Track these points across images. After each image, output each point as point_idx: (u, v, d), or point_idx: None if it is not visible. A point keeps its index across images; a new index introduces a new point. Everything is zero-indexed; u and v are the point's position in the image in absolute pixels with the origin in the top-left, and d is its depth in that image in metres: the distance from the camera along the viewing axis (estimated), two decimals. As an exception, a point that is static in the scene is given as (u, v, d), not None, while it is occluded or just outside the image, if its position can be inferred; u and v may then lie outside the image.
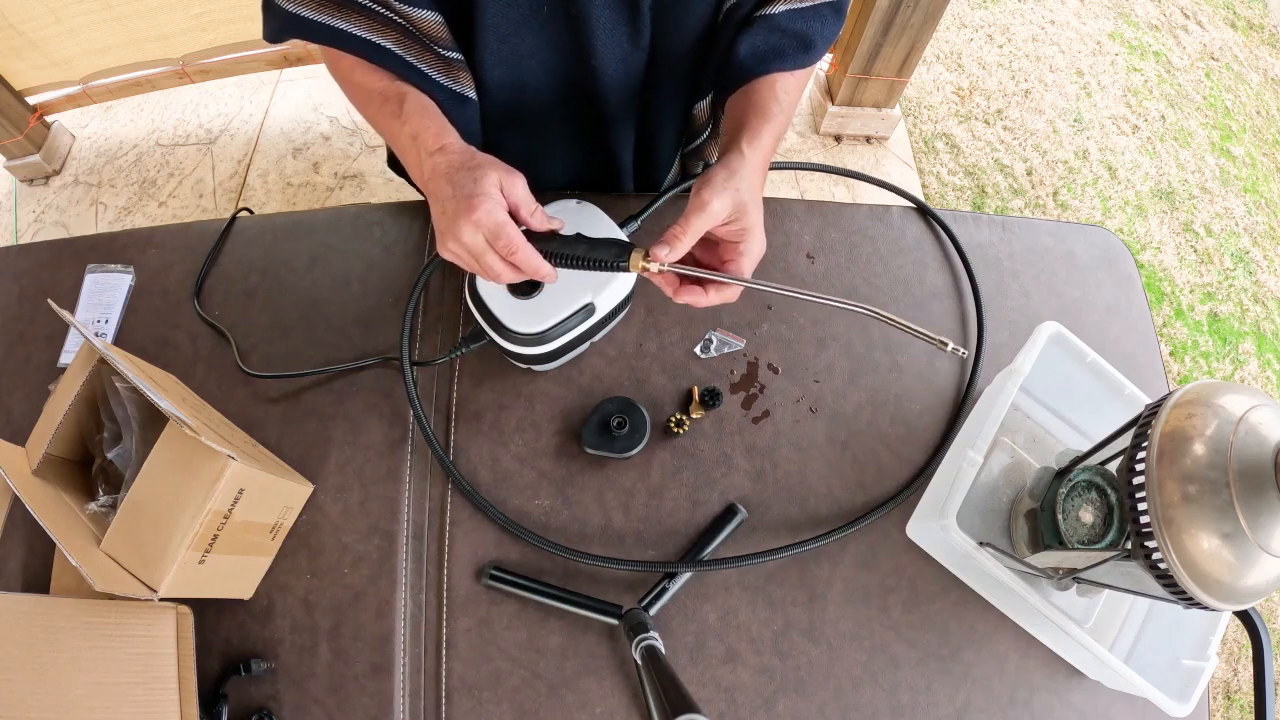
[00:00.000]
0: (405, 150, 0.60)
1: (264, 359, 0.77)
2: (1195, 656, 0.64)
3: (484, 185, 0.54)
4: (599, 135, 0.77)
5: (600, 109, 0.73)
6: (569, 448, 0.73)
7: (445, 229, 0.55)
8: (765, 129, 0.62)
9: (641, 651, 0.60)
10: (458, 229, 0.54)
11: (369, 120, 0.66)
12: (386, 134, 0.64)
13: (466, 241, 0.54)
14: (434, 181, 0.56)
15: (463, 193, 0.54)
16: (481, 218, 0.53)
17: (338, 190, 1.87)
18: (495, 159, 0.57)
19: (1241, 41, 2.40)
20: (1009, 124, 2.10)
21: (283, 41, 0.65)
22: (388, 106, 0.61)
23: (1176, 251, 1.98)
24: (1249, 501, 0.48)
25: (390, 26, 0.61)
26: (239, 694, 0.65)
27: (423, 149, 0.58)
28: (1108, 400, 0.73)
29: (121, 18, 1.63)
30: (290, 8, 0.61)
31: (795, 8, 0.66)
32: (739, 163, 0.58)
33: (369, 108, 0.64)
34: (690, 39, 0.69)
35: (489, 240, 0.54)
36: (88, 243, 0.85)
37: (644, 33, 0.65)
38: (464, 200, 0.54)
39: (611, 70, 0.68)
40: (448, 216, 0.55)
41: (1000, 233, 0.87)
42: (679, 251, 0.55)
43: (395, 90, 0.62)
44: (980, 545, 0.62)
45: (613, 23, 0.63)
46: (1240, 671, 1.58)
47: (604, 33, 0.64)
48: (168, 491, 0.58)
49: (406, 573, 0.69)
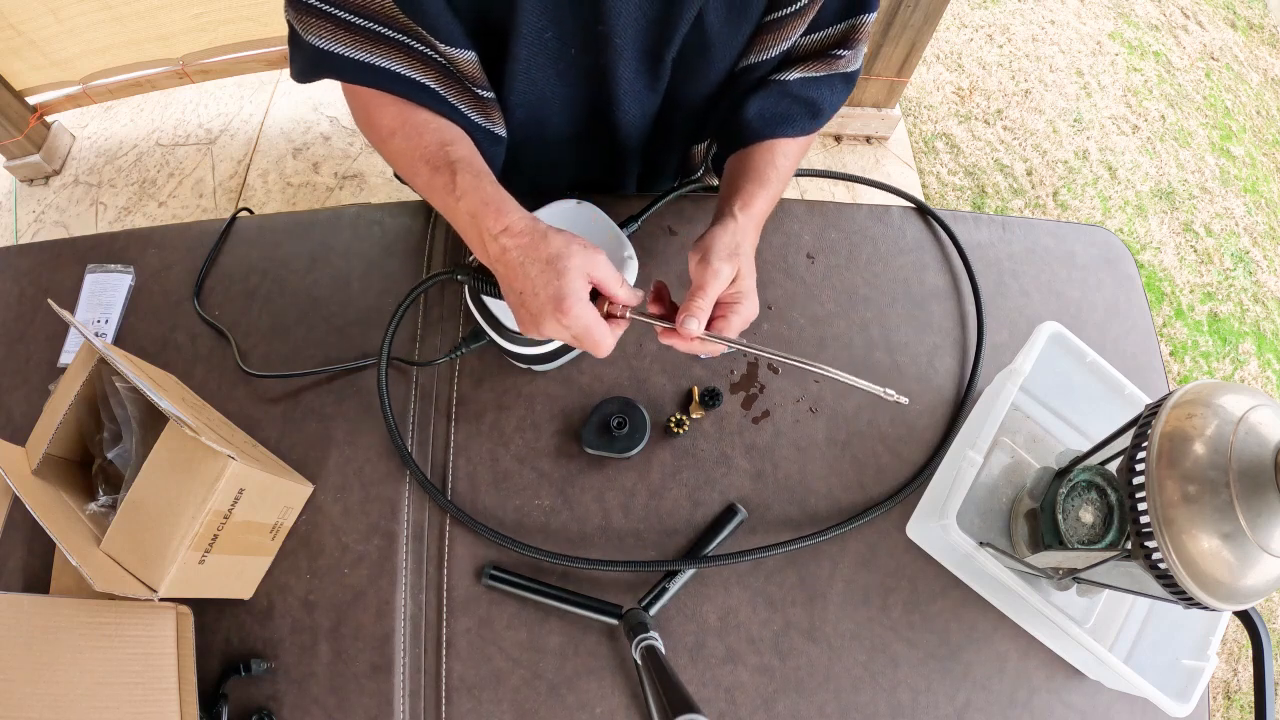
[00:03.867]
0: (464, 228, 0.58)
1: (264, 359, 0.77)
2: (1195, 656, 0.64)
3: (572, 284, 0.52)
4: (606, 169, 0.80)
5: (611, 148, 0.75)
6: (569, 448, 0.73)
7: (527, 319, 0.55)
8: (760, 195, 0.62)
9: (641, 651, 0.60)
10: (542, 325, 0.54)
11: (416, 189, 0.63)
12: (439, 207, 0.60)
13: (549, 334, 0.54)
14: (506, 269, 0.55)
15: (548, 291, 0.52)
16: (572, 323, 0.53)
17: (338, 190, 1.87)
18: (569, 235, 0.54)
19: (1241, 41, 2.40)
20: (1009, 124, 2.10)
21: (312, 81, 0.62)
22: (438, 179, 0.58)
23: (1176, 251, 1.98)
24: (1249, 501, 0.48)
25: (430, 65, 0.60)
26: (239, 694, 0.65)
27: (485, 231, 0.55)
28: (1108, 400, 0.73)
29: (121, 18, 1.63)
30: (321, 44, 0.58)
31: (809, 76, 0.67)
32: (734, 228, 0.58)
33: (416, 178, 0.61)
34: (705, 91, 0.70)
35: (575, 338, 0.54)
36: (88, 243, 0.85)
37: (662, 82, 0.67)
38: (552, 301, 0.52)
39: (628, 115, 0.69)
40: (530, 310, 0.54)
41: (1000, 233, 0.87)
42: (704, 320, 0.55)
43: (444, 159, 0.59)
44: (980, 545, 0.62)
45: (635, 72, 0.64)
46: (1240, 671, 1.58)
47: (626, 82, 0.65)
48: (168, 491, 0.58)
49: (406, 573, 0.69)
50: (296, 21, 0.59)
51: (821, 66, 0.67)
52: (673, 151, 0.82)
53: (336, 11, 0.57)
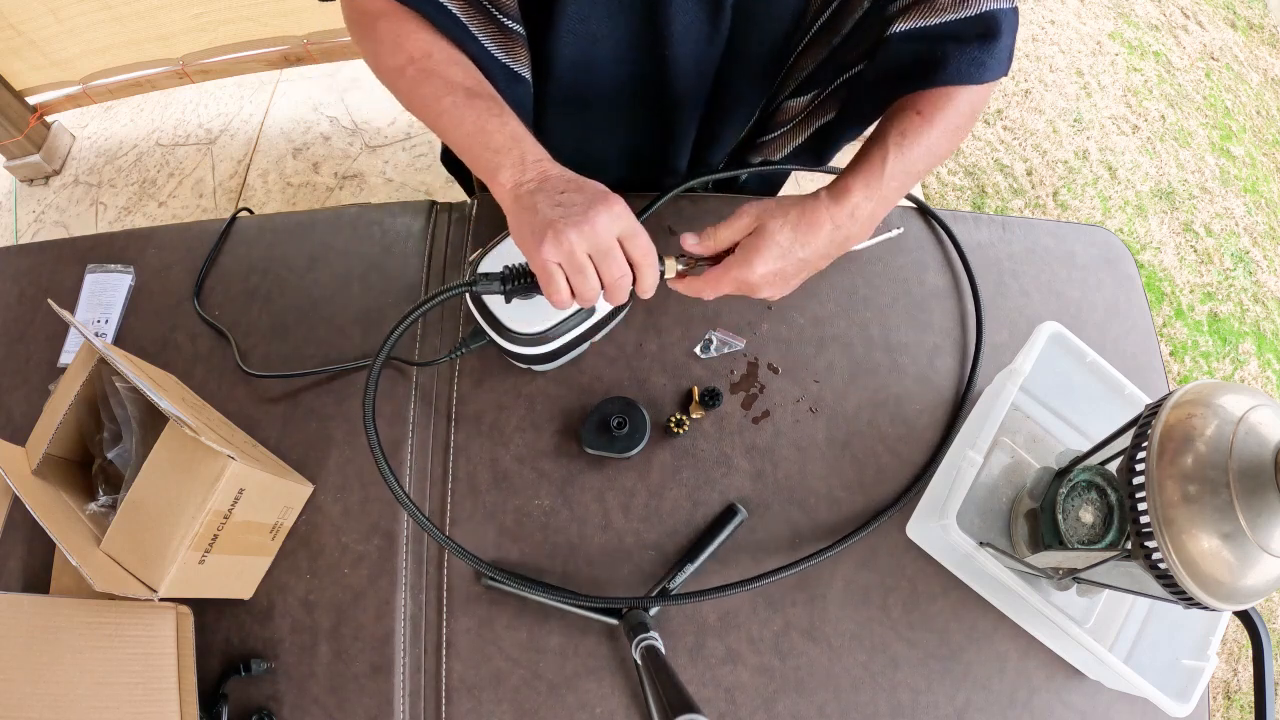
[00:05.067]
0: (499, 149, 0.54)
1: (264, 359, 0.77)
2: (1195, 656, 0.64)
3: (611, 197, 0.52)
4: (660, 121, 0.75)
5: (667, 97, 0.71)
6: (569, 448, 0.73)
7: (568, 216, 0.50)
8: (861, 181, 0.58)
9: (641, 651, 0.60)
10: (592, 217, 0.50)
11: (433, 112, 0.57)
12: (469, 125, 0.55)
13: (600, 230, 0.50)
14: (545, 179, 0.53)
15: (594, 189, 0.52)
16: (622, 212, 0.51)
17: (338, 190, 1.87)
18: None
19: (1241, 41, 2.40)
20: (1009, 124, 2.10)
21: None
22: (479, 102, 0.55)
23: (1176, 251, 1.98)
24: (1249, 501, 0.48)
25: None
26: (239, 694, 0.65)
27: (528, 151, 0.53)
28: (1108, 400, 0.73)
29: (121, 18, 1.63)
30: None
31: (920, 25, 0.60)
32: (800, 214, 0.57)
33: (444, 97, 0.56)
34: (769, 40, 0.67)
35: (623, 238, 0.52)
36: (88, 243, 0.85)
37: (723, 29, 0.64)
38: (599, 194, 0.51)
39: (685, 62, 0.66)
40: (573, 206, 0.51)
41: (1000, 233, 0.87)
42: (699, 248, 0.57)
43: (489, 91, 0.57)
44: (980, 545, 0.62)
45: (693, 15, 0.62)
46: (1240, 671, 1.58)
47: (682, 25, 0.62)
48: (168, 491, 0.58)
49: (406, 573, 0.69)
50: None
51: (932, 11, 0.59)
52: (733, 117, 0.78)
53: None
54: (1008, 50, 0.60)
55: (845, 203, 0.58)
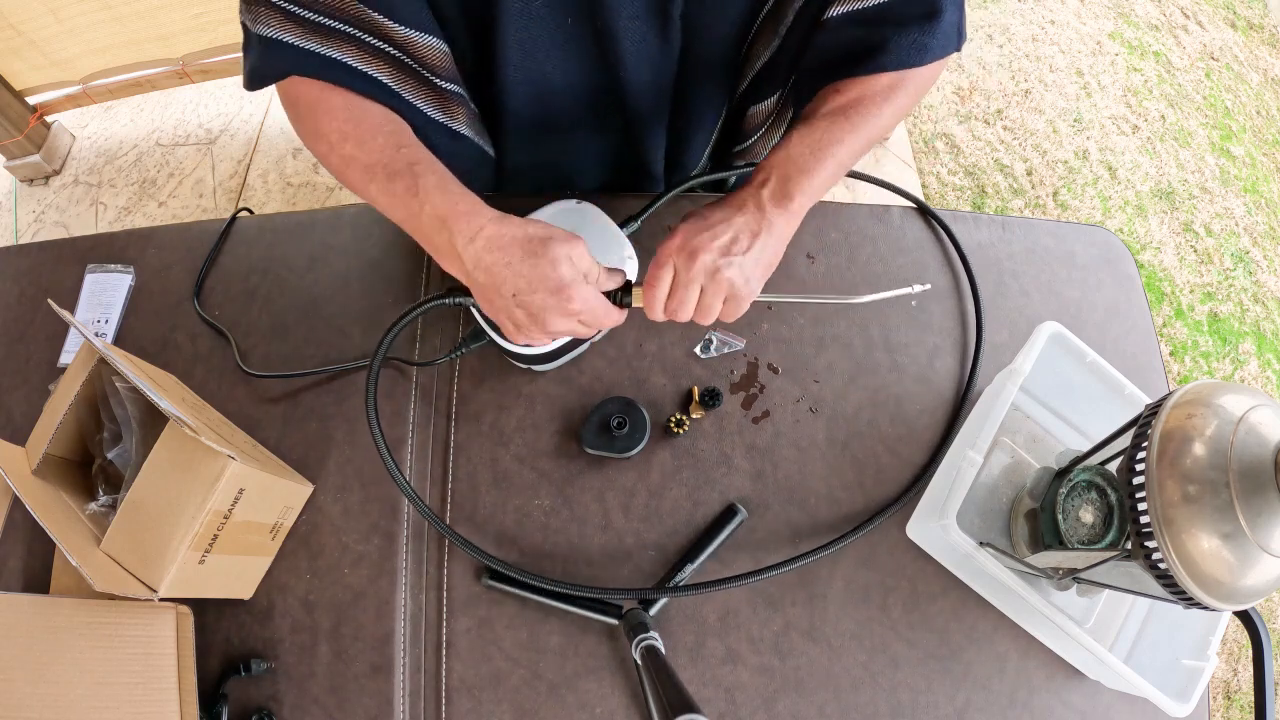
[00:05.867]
0: (429, 234, 0.54)
1: (264, 359, 0.77)
2: (1195, 656, 0.65)
3: (564, 270, 0.51)
4: (628, 138, 0.75)
5: (629, 112, 0.70)
6: (569, 448, 0.73)
7: (528, 322, 0.52)
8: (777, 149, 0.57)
9: (641, 651, 0.60)
10: (548, 321, 0.52)
11: (366, 198, 0.58)
12: (398, 215, 0.56)
13: (559, 331, 0.53)
14: (491, 273, 0.52)
15: (547, 286, 0.51)
16: (580, 307, 0.52)
17: (338, 190, 1.87)
18: (542, 223, 0.53)
19: (1241, 41, 2.40)
20: (1009, 124, 2.10)
21: (262, 84, 0.59)
22: (397, 184, 0.54)
23: (1176, 251, 1.98)
24: (1249, 501, 0.48)
25: (382, 58, 0.57)
26: (239, 694, 0.65)
27: (457, 236, 0.52)
28: (1108, 400, 0.73)
29: (121, 18, 1.63)
30: (271, 33, 0.56)
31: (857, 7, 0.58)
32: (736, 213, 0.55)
33: (369, 185, 0.56)
34: (724, 40, 0.66)
35: (582, 321, 0.53)
36: (88, 243, 0.85)
37: (674, 40, 0.62)
38: (554, 295, 0.51)
39: (641, 77, 0.65)
40: (530, 310, 0.52)
41: (1000, 233, 0.87)
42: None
43: (402, 163, 0.55)
44: (980, 545, 0.62)
45: (642, 33, 0.60)
46: (1240, 671, 1.58)
47: (631, 44, 0.61)
48: (168, 491, 0.58)
49: (406, 573, 0.69)
50: (247, 14, 0.57)
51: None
52: (699, 121, 0.76)
53: (287, 5, 0.55)
54: (953, 25, 0.58)
55: (756, 173, 0.57)
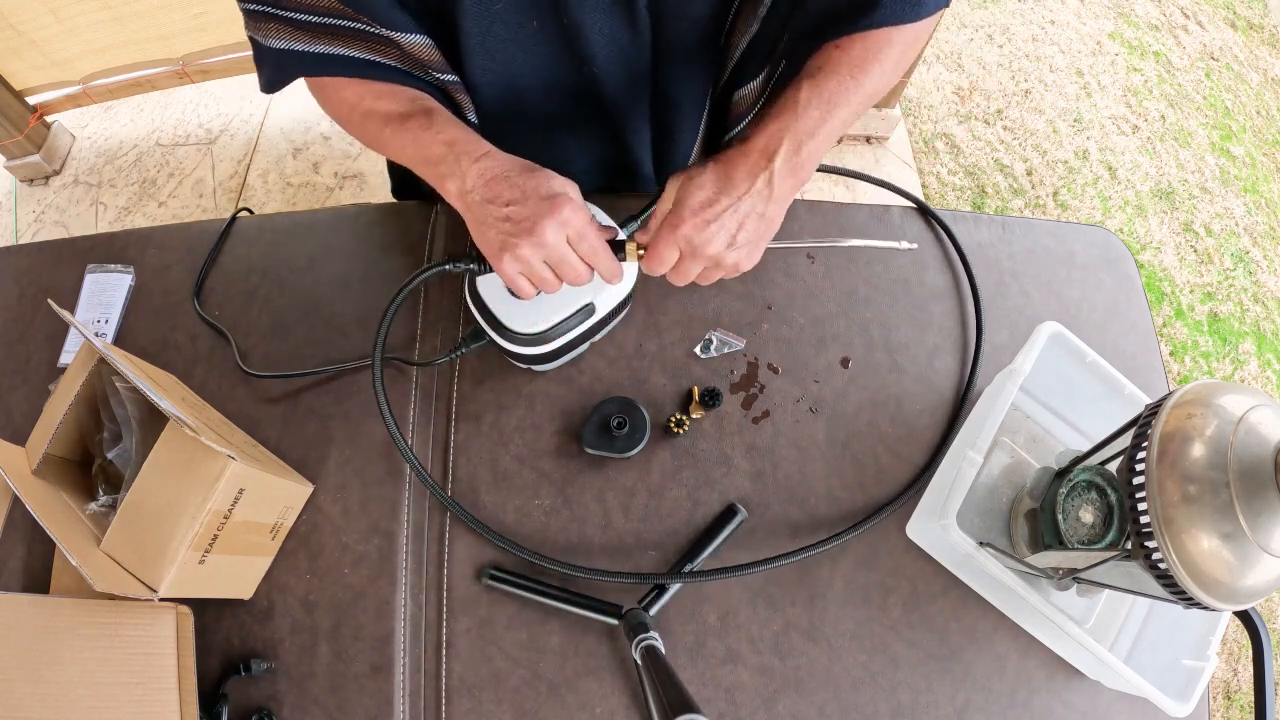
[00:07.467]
0: (438, 160, 0.55)
1: (264, 359, 0.77)
2: (1195, 656, 0.65)
3: (558, 185, 0.51)
4: (611, 135, 0.74)
5: (608, 106, 0.69)
6: (569, 448, 0.73)
7: (517, 234, 0.51)
8: (775, 110, 0.56)
9: (641, 651, 0.60)
10: (540, 231, 0.51)
11: (384, 145, 0.61)
12: (409, 152, 0.58)
13: (550, 242, 0.51)
14: (489, 186, 0.53)
15: (538, 194, 0.51)
16: (568, 217, 0.51)
17: (338, 190, 1.87)
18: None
19: (1241, 41, 2.40)
20: (1009, 124, 2.10)
21: (281, 87, 0.62)
22: (412, 121, 0.57)
23: (1176, 251, 1.98)
24: (1249, 501, 0.48)
25: (391, 47, 0.59)
26: (239, 694, 0.65)
27: (464, 155, 0.54)
28: (1108, 400, 0.73)
29: (121, 18, 1.63)
30: (282, 44, 0.58)
31: None
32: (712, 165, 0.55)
33: (386, 130, 0.59)
34: (698, 25, 0.64)
35: (572, 242, 0.52)
36: (88, 243, 0.85)
37: (643, 29, 0.62)
38: (543, 202, 0.51)
39: (614, 71, 0.65)
40: (520, 221, 0.51)
41: (1000, 233, 0.87)
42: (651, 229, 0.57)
43: (420, 106, 0.58)
44: (980, 545, 0.62)
45: (609, 26, 0.60)
46: (1240, 671, 1.58)
47: (600, 37, 0.61)
48: (168, 491, 0.58)
49: (406, 573, 0.69)
50: (255, 31, 0.59)
51: None
52: (683, 110, 0.75)
53: (288, 13, 0.57)
54: None
55: (760, 136, 0.55)
